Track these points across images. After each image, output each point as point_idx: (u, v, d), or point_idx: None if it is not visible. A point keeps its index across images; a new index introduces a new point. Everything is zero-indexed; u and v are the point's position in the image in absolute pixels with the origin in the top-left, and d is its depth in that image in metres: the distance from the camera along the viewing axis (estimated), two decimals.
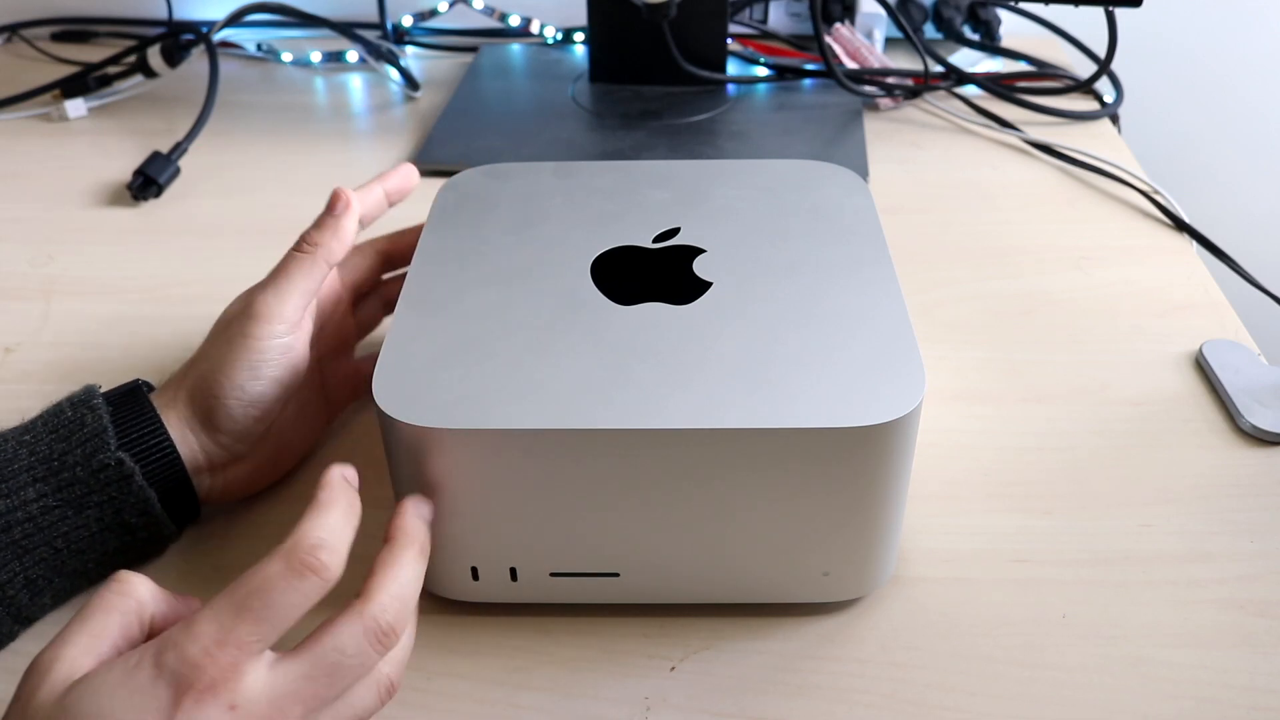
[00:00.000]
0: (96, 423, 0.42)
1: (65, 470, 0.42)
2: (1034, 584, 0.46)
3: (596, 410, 0.39)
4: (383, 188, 0.51)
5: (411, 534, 0.39)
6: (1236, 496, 0.50)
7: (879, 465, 0.40)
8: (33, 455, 0.42)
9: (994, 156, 0.80)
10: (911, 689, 0.42)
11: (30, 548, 0.41)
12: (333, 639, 0.35)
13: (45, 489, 0.41)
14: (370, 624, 0.35)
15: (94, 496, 0.42)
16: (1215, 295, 0.64)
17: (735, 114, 0.84)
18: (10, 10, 1.01)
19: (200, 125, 0.79)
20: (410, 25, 0.99)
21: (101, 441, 0.42)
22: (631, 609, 0.45)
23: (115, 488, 0.42)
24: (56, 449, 0.42)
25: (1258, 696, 0.41)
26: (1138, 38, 0.93)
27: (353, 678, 0.35)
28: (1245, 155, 1.12)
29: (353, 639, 0.35)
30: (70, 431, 0.42)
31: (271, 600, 0.33)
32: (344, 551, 0.35)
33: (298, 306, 0.46)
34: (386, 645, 0.36)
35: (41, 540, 0.41)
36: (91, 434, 0.42)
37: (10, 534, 0.41)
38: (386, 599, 0.36)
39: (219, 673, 0.32)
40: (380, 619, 0.35)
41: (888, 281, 0.46)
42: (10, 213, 0.74)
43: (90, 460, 0.42)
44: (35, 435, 0.43)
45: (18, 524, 0.41)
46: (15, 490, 0.41)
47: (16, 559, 0.41)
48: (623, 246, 0.48)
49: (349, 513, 0.36)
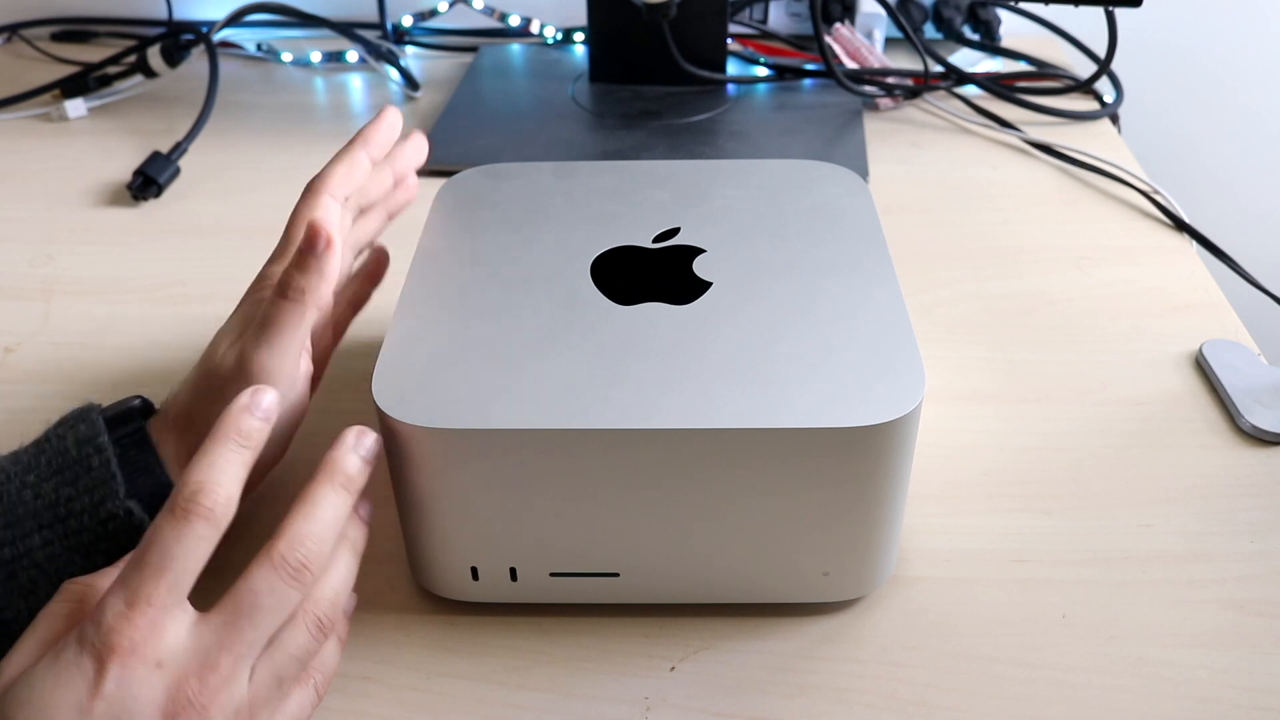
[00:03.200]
0: (103, 467, 0.41)
1: (72, 518, 0.41)
2: (1034, 584, 0.46)
3: (596, 410, 0.39)
4: (365, 153, 0.49)
5: (335, 467, 0.38)
6: (1236, 496, 0.50)
7: (879, 465, 0.40)
8: (38, 499, 0.41)
9: (994, 156, 0.80)
10: (911, 689, 0.42)
11: (35, 590, 0.40)
12: (245, 582, 0.35)
13: (51, 535, 0.40)
14: (279, 561, 0.35)
15: (102, 545, 0.41)
16: (1215, 295, 0.64)
17: (735, 114, 0.84)
18: (10, 10, 1.01)
19: (200, 125, 0.79)
20: (410, 25, 0.99)
21: (109, 490, 0.41)
22: (631, 609, 0.45)
23: (125, 535, 0.41)
24: (63, 494, 0.41)
25: (1258, 696, 0.41)
26: (1138, 38, 0.93)
27: (274, 619, 0.35)
28: (1245, 155, 1.12)
29: (264, 579, 0.35)
30: (76, 475, 0.41)
31: (165, 551, 0.33)
32: (230, 489, 0.35)
33: (294, 360, 0.43)
34: (303, 581, 0.35)
35: (47, 583, 0.40)
36: (98, 480, 0.41)
37: (16, 579, 0.40)
38: (296, 535, 0.36)
39: (137, 633, 0.32)
40: (289, 556, 0.35)
41: (888, 281, 0.46)
42: (10, 213, 0.74)
43: (98, 509, 0.41)
44: (40, 475, 0.41)
45: (24, 570, 0.40)
46: (21, 537, 0.40)
47: (22, 599, 0.40)
48: (623, 246, 0.48)
49: (238, 448, 0.36)
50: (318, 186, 0.47)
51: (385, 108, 0.51)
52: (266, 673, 0.35)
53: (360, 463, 0.39)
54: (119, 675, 0.32)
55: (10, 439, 0.43)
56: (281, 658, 0.36)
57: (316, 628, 0.37)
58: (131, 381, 0.58)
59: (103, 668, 0.32)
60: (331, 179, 0.47)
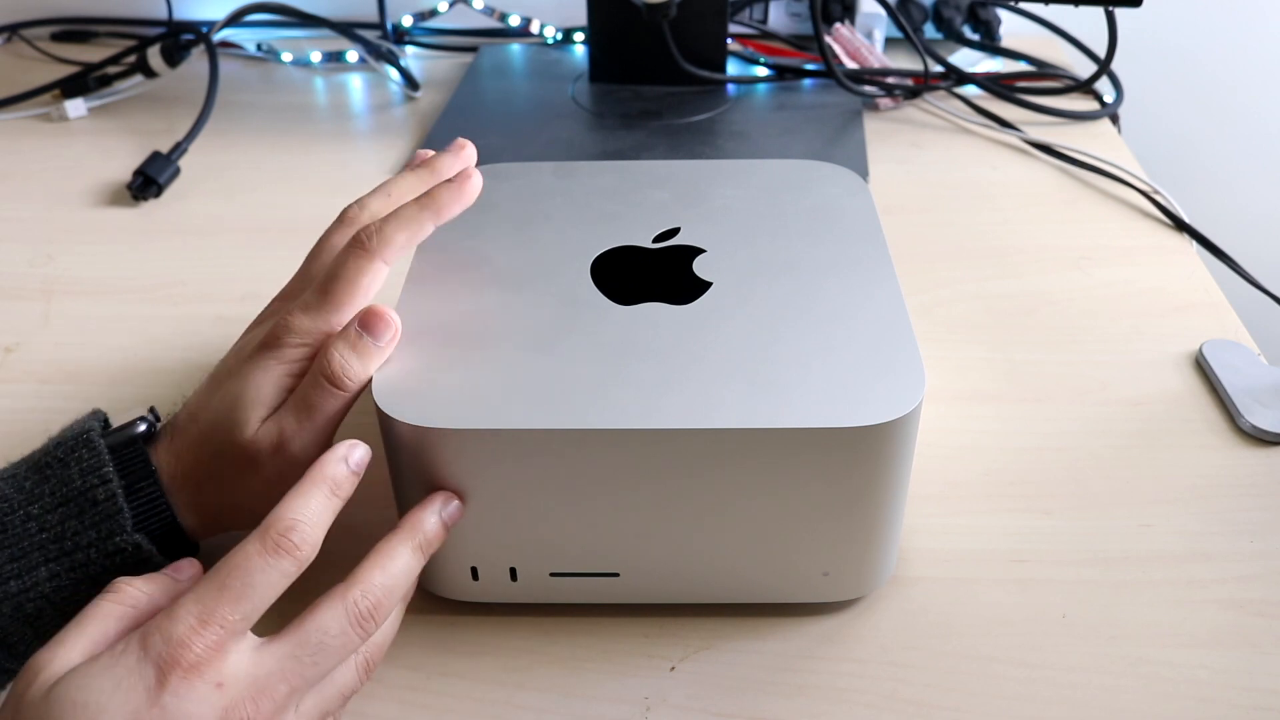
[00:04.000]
0: (109, 500, 0.40)
1: (79, 551, 0.40)
2: (1034, 584, 0.46)
3: (596, 410, 0.39)
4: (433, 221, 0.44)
5: (416, 526, 0.39)
6: (1236, 496, 0.50)
7: (879, 465, 0.40)
8: (43, 531, 0.40)
9: (994, 156, 0.80)
10: (911, 689, 0.42)
11: (41, 617, 0.40)
12: (316, 620, 0.36)
13: (58, 569, 0.40)
14: (352, 607, 0.36)
15: (108, 576, 0.40)
16: (1215, 295, 0.64)
17: (735, 114, 0.84)
18: (10, 10, 1.01)
19: (200, 125, 0.79)
20: (410, 25, 0.99)
21: (117, 525, 0.40)
22: (631, 609, 0.45)
23: (132, 568, 0.41)
24: (69, 528, 0.40)
25: (1258, 696, 0.41)
26: (1138, 38, 0.93)
27: (336, 658, 0.36)
28: (1245, 155, 1.12)
29: (335, 621, 0.36)
30: (81, 509, 0.40)
31: (250, 579, 0.34)
32: (318, 532, 0.36)
33: (329, 437, 0.41)
34: (367, 629, 0.36)
35: (54, 612, 0.40)
36: (105, 515, 0.40)
37: (23, 610, 0.40)
38: (370, 584, 0.37)
39: (204, 650, 0.33)
40: (361, 603, 0.36)
41: (888, 281, 0.46)
42: (10, 213, 0.74)
43: (105, 543, 0.40)
44: (44, 507, 0.40)
45: (30, 601, 0.40)
46: (27, 570, 0.40)
47: (30, 627, 0.40)
48: (623, 246, 0.48)
49: (330, 495, 0.37)
50: (374, 251, 0.42)
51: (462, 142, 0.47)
52: (313, 705, 0.36)
53: (439, 527, 0.40)
54: (179, 689, 0.32)
55: (10, 439, 0.43)
56: (330, 692, 0.37)
57: (365, 670, 0.38)
58: (131, 382, 0.58)
59: (164, 679, 0.32)
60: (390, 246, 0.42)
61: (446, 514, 0.40)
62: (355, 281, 0.41)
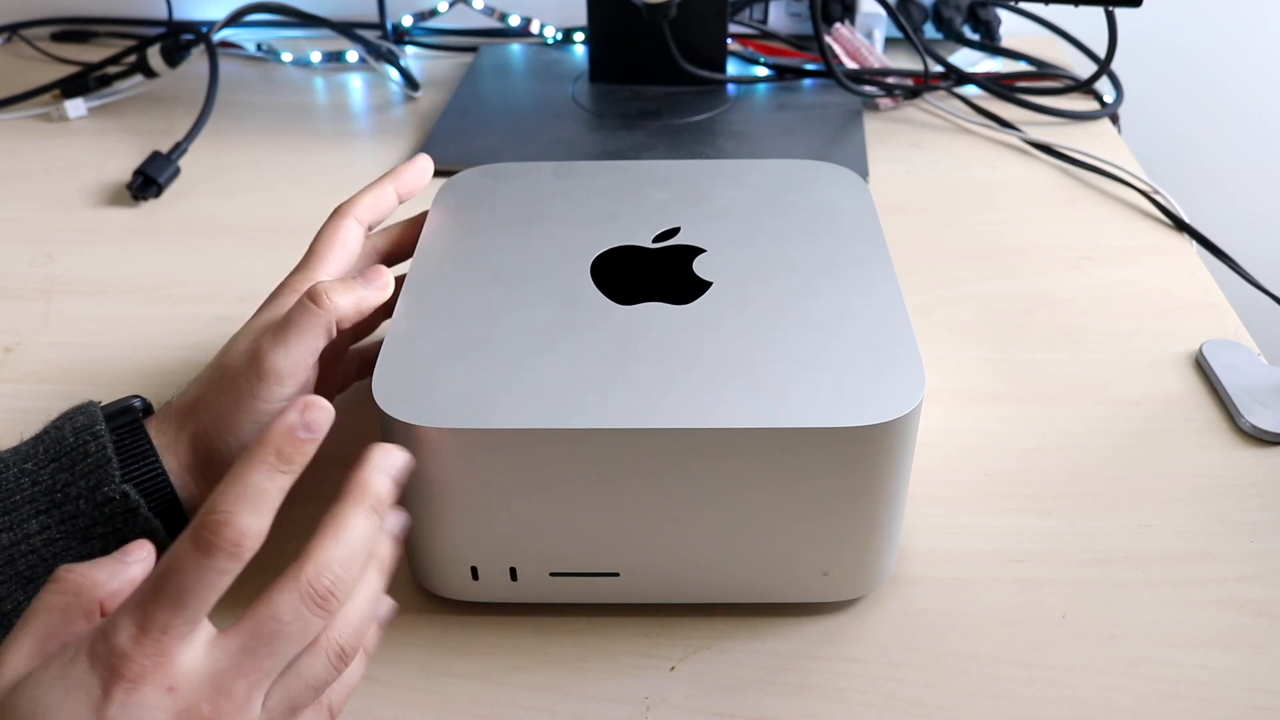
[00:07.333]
0: (100, 452, 0.41)
1: (69, 503, 0.41)
2: (1034, 584, 0.46)
3: (596, 410, 0.39)
4: (394, 187, 0.50)
5: (364, 488, 0.36)
6: (1236, 496, 0.50)
7: (879, 465, 0.40)
8: (35, 485, 0.41)
9: (994, 156, 0.80)
10: (911, 689, 0.42)
11: (34, 578, 0.40)
12: (268, 607, 0.33)
13: (49, 520, 0.40)
14: (305, 588, 0.33)
15: (99, 528, 0.41)
16: (1215, 295, 0.64)
17: (735, 114, 0.84)
18: (10, 10, 1.01)
19: (200, 125, 0.79)
20: (410, 25, 0.99)
21: (106, 474, 0.41)
22: (631, 609, 0.45)
23: (121, 520, 0.41)
24: (60, 479, 0.41)
25: (1258, 697, 0.41)
26: (1138, 38, 0.93)
27: (295, 646, 0.34)
28: (1245, 155, 1.12)
29: (289, 605, 0.33)
30: (73, 461, 0.41)
31: (182, 582, 0.32)
32: (258, 520, 0.32)
33: (306, 364, 0.43)
34: (328, 609, 0.34)
35: (45, 570, 0.40)
36: (95, 465, 0.41)
37: (14, 565, 0.40)
38: (324, 560, 0.34)
39: (147, 660, 0.31)
40: (316, 582, 0.34)
41: (888, 281, 0.46)
42: (10, 213, 0.74)
43: (94, 493, 0.41)
44: (37, 463, 0.41)
45: (21, 556, 0.40)
46: (19, 523, 0.40)
47: (21, 588, 0.40)
48: (623, 246, 0.48)
49: (272, 471, 0.33)
50: (345, 210, 0.48)
51: (420, 155, 0.53)
52: (280, 698, 0.34)
53: (389, 482, 0.37)
54: (125, 701, 0.31)
55: (10, 438, 0.43)
56: (297, 685, 0.34)
57: (337, 657, 0.35)
58: (131, 382, 0.58)
59: (109, 691, 0.31)
60: (358, 205, 0.49)
61: (392, 468, 0.38)
62: (330, 237, 0.47)
